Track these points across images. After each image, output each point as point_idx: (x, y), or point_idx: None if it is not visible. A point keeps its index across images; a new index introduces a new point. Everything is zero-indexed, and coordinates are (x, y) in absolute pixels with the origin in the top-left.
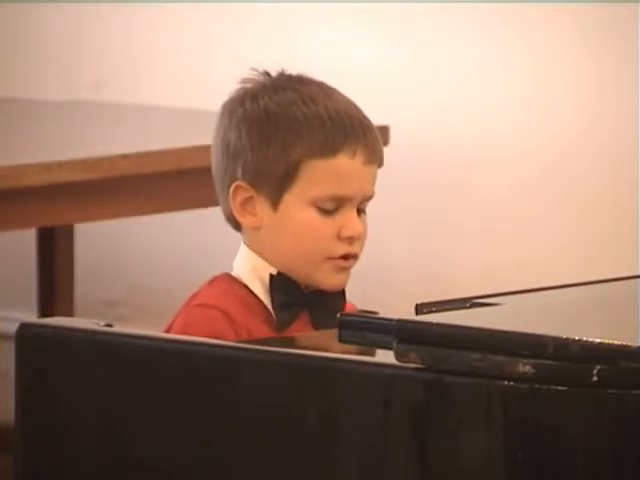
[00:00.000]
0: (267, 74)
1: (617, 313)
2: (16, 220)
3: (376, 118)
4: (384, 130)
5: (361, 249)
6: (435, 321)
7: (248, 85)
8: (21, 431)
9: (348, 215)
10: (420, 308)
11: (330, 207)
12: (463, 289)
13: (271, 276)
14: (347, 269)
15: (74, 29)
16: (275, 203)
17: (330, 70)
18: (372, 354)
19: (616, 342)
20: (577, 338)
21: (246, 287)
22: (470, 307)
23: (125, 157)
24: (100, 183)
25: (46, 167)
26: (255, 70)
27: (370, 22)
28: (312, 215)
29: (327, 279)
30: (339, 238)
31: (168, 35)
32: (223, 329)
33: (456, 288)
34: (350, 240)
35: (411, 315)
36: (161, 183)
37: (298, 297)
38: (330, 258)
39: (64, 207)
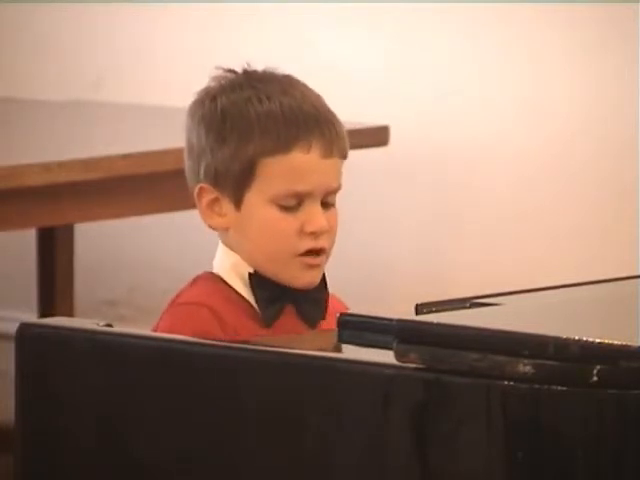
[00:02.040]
0: (232, 72)
1: (617, 313)
2: (16, 220)
3: (376, 118)
4: (384, 130)
5: (330, 243)
6: (435, 321)
7: (211, 84)
8: (21, 431)
9: (310, 210)
10: (420, 308)
11: (291, 203)
12: (463, 289)
13: (250, 274)
14: (316, 266)
15: (74, 29)
16: (238, 203)
17: (330, 70)
18: (372, 354)
19: (616, 342)
20: (577, 338)
21: (228, 285)
22: (470, 307)
23: (125, 157)
24: (100, 183)
25: (46, 167)
26: (221, 68)
27: (370, 22)
28: (273, 213)
29: (296, 278)
30: (302, 233)
31: (169, 35)
32: (211, 326)
33: (456, 288)
34: (314, 235)
35: (411, 315)
36: (161, 183)
37: (280, 292)
38: (297, 255)
39: (64, 207)
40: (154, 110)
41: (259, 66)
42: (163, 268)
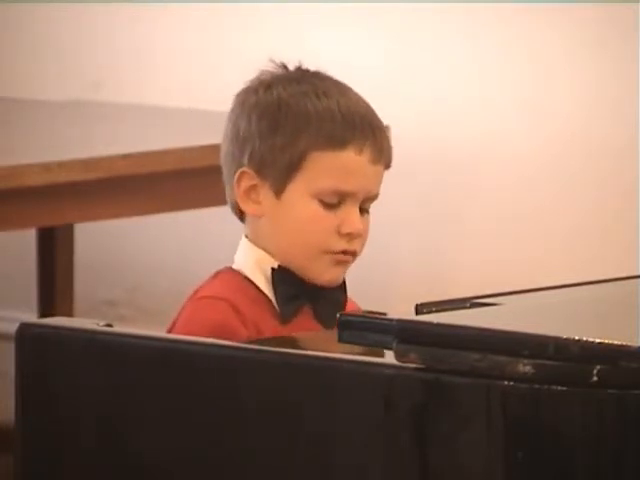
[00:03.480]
0: (284, 66)
1: (617, 313)
2: (16, 220)
3: None
4: None
5: (361, 248)
6: (435, 321)
7: (263, 76)
8: (21, 431)
9: (349, 211)
10: (420, 308)
11: (333, 201)
12: (463, 289)
13: (272, 270)
14: (344, 264)
15: (74, 29)
16: (279, 192)
17: (330, 70)
18: (372, 354)
19: (616, 342)
20: (577, 338)
21: (249, 280)
22: (470, 307)
23: (125, 157)
24: (100, 183)
25: (46, 167)
26: (272, 62)
27: (371, 22)
28: (314, 208)
29: (322, 273)
30: (339, 234)
31: (169, 35)
32: (231, 320)
33: (456, 288)
34: (349, 237)
35: (411, 315)
36: (161, 183)
37: (300, 290)
38: (327, 252)
39: (64, 207)
40: (154, 110)
41: (257, 69)
42: (163, 268)
